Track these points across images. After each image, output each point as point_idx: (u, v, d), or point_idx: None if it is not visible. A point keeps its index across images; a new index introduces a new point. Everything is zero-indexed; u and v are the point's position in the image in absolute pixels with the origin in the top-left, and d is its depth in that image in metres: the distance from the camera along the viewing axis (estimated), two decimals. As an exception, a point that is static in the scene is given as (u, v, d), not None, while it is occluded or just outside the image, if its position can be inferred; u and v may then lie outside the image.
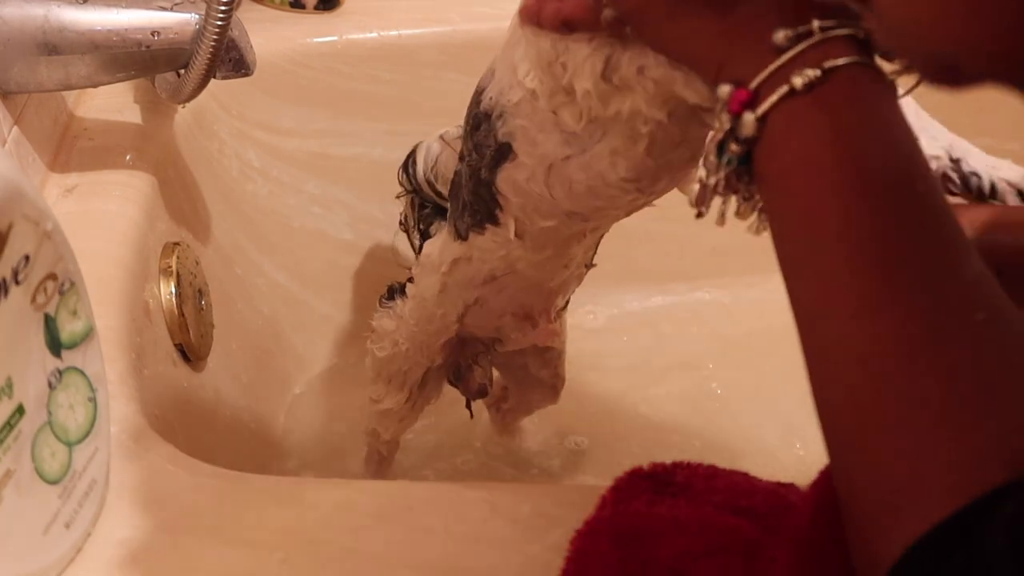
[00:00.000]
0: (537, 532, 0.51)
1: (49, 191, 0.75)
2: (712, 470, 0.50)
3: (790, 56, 0.41)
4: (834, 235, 0.39)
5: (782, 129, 0.41)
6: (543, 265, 0.68)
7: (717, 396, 1.06)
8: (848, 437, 0.38)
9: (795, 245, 0.40)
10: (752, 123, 0.41)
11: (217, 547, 0.51)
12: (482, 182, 0.64)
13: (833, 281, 0.39)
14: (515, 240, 0.65)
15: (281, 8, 1.06)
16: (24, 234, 0.44)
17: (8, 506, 0.45)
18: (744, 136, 0.41)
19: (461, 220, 0.68)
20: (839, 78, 0.40)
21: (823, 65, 0.40)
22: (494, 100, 0.60)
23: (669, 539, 0.46)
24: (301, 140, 1.04)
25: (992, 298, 0.37)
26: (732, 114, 0.42)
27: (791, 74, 0.40)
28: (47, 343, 0.47)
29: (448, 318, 0.74)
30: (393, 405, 0.81)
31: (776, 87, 0.40)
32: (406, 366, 0.79)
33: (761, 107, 0.41)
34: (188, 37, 0.71)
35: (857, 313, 0.38)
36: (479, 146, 0.63)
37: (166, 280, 0.75)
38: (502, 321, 0.75)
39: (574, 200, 0.60)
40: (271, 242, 1.04)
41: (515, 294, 0.72)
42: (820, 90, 0.40)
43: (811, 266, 0.39)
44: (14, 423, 0.45)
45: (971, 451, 0.34)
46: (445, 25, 1.05)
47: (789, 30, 0.41)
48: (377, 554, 0.50)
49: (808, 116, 0.40)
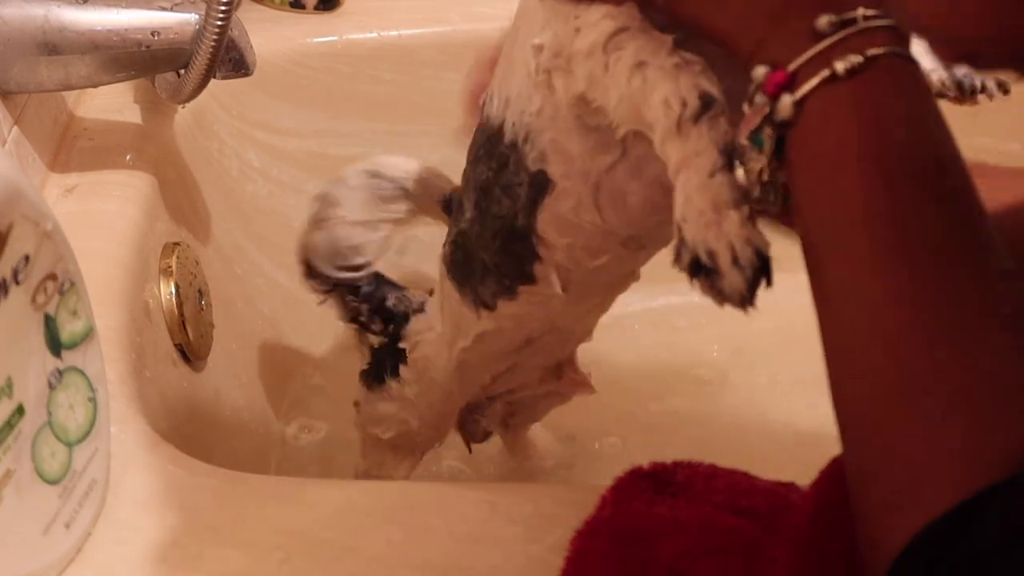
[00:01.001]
0: (537, 532, 0.51)
1: (49, 191, 0.75)
2: (712, 470, 0.50)
3: (832, 41, 0.40)
4: (866, 221, 0.39)
5: (820, 114, 0.40)
6: (587, 313, 0.63)
7: (721, 395, 1.06)
8: (864, 422, 0.38)
9: (825, 230, 0.40)
10: (789, 106, 0.40)
11: (217, 547, 0.51)
12: (518, 235, 0.57)
13: (861, 267, 0.39)
14: (558, 295, 0.58)
15: (281, 8, 1.06)
16: (24, 234, 0.44)
17: (8, 506, 0.45)
18: (780, 119, 0.41)
19: (483, 287, 0.61)
20: (880, 67, 0.40)
21: (866, 52, 0.40)
22: (517, 124, 0.54)
23: (669, 539, 0.46)
24: (301, 140, 1.04)
25: (1019, 293, 0.38)
26: (768, 96, 0.41)
27: (832, 59, 0.40)
28: (47, 343, 0.47)
29: (470, 390, 0.70)
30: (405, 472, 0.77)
31: (816, 71, 0.40)
32: (418, 439, 0.74)
33: (801, 90, 0.40)
34: (188, 37, 0.71)
35: (883, 300, 0.38)
36: (508, 188, 0.56)
37: (166, 280, 0.75)
38: (530, 377, 0.71)
39: (631, 220, 0.54)
40: (271, 242, 1.04)
41: (553, 350, 0.67)
42: (861, 77, 0.40)
43: (840, 251, 0.39)
44: (14, 423, 0.45)
45: (984, 442, 0.35)
46: (445, 25, 1.05)
47: (833, 15, 0.40)
48: (377, 554, 0.50)
49: (848, 102, 0.40)
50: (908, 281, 0.37)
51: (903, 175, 0.39)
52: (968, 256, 0.38)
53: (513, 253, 0.58)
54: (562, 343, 0.67)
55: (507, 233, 0.57)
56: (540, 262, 0.57)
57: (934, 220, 0.38)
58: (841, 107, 0.40)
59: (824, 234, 0.40)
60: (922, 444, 0.36)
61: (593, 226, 0.54)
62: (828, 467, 0.45)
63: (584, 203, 0.53)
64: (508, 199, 0.56)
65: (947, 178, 0.39)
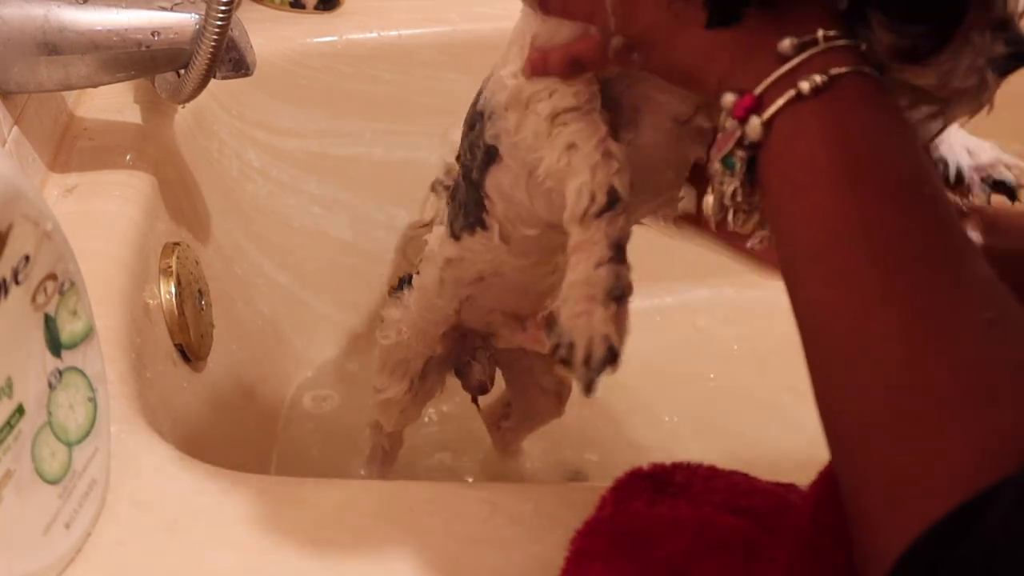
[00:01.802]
0: (537, 532, 0.51)
1: (49, 191, 0.75)
2: (712, 471, 0.51)
3: (796, 63, 0.41)
4: (840, 235, 0.39)
5: (788, 132, 0.41)
6: (528, 270, 0.69)
7: (722, 395, 1.07)
8: (854, 435, 0.38)
9: (800, 246, 0.41)
10: (758, 127, 0.41)
11: (217, 547, 0.51)
12: (472, 184, 0.64)
13: (839, 280, 0.39)
14: (501, 245, 0.65)
15: (281, 8, 1.06)
16: (24, 234, 0.44)
17: (8, 506, 0.45)
18: (750, 140, 0.42)
19: (456, 221, 0.69)
20: (844, 84, 0.41)
21: (829, 71, 0.41)
22: (486, 100, 0.61)
23: (669, 539, 0.46)
24: (301, 140, 1.04)
25: (998, 298, 0.38)
26: (737, 119, 0.42)
27: (797, 80, 0.41)
28: (47, 343, 0.47)
29: (446, 309, 0.75)
30: (395, 394, 0.82)
31: (782, 92, 0.41)
32: (408, 355, 0.80)
33: (768, 111, 0.41)
34: (188, 37, 0.71)
35: (863, 312, 0.38)
36: (472, 146, 0.64)
37: (166, 280, 0.75)
38: (492, 317, 0.76)
39: (553, 212, 0.59)
40: (271, 242, 1.04)
41: (501, 295, 0.73)
42: (825, 95, 0.40)
43: (817, 266, 0.40)
44: (14, 423, 0.45)
45: (976, 445, 0.35)
46: (445, 25, 1.05)
47: (795, 38, 0.42)
48: (377, 554, 0.50)
49: (814, 119, 0.41)
50: (885, 291, 0.38)
51: (873, 187, 0.39)
52: (944, 264, 0.38)
53: (472, 197, 0.65)
54: (513, 291, 0.72)
55: (468, 181, 0.65)
56: (487, 214, 0.64)
57: (907, 230, 0.39)
58: (808, 125, 0.41)
59: (800, 250, 0.41)
60: (913, 452, 0.36)
61: (524, 203, 0.61)
62: (827, 467, 0.45)
63: (519, 184, 0.60)
64: (471, 154, 0.64)
65: (917, 188, 0.40)
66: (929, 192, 0.40)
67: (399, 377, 0.82)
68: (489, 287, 0.72)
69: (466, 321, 0.77)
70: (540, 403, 0.88)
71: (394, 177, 1.08)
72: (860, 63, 0.41)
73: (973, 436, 0.35)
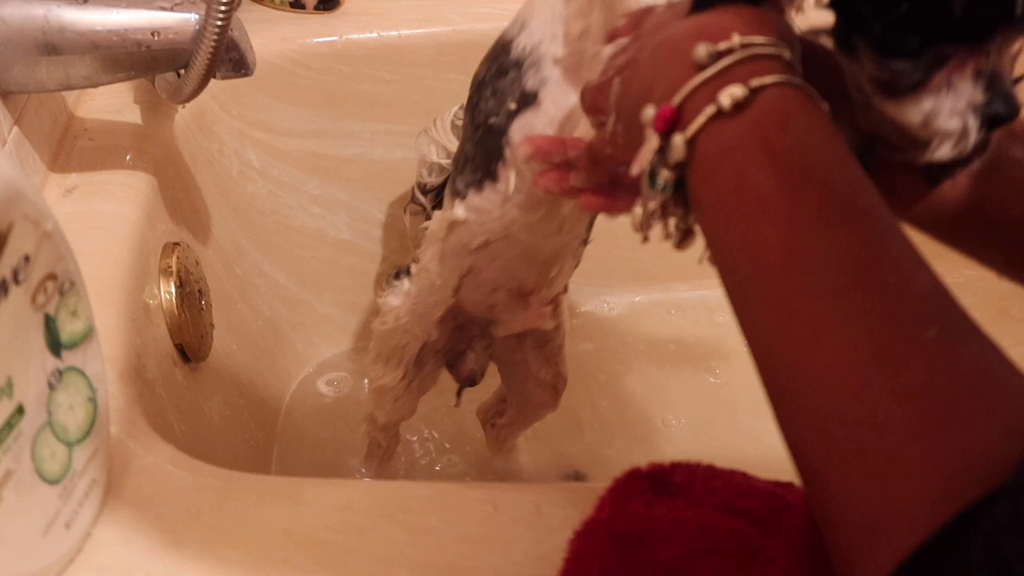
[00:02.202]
0: (537, 532, 0.51)
1: (49, 191, 0.75)
2: (710, 470, 0.50)
3: (712, 73, 0.40)
4: (777, 261, 0.37)
5: (713, 152, 0.39)
6: (536, 227, 0.69)
7: (725, 391, 1.07)
8: (817, 468, 0.36)
9: (739, 274, 0.39)
10: (682, 146, 0.40)
11: (217, 547, 0.51)
12: (492, 131, 0.65)
13: (781, 310, 0.37)
14: (511, 198, 0.66)
15: (281, 8, 1.06)
16: (24, 234, 0.44)
17: (8, 506, 0.45)
18: (675, 160, 0.40)
19: (461, 177, 0.69)
20: (767, 97, 0.39)
21: (750, 84, 0.39)
22: (528, 50, 0.63)
23: (668, 540, 0.46)
24: (301, 140, 1.04)
25: (944, 311, 0.36)
26: (659, 133, 0.41)
27: (717, 92, 0.39)
28: (47, 343, 0.47)
29: (445, 289, 0.75)
30: (390, 382, 0.83)
31: (702, 107, 0.39)
32: (404, 340, 0.81)
33: (690, 128, 0.40)
34: (188, 37, 0.71)
35: (808, 341, 0.36)
36: (499, 93, 0.65)
37: (166, 280, 0.75)
38: (495, 297, 0.76)
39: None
40: (271, 242, 1.04)
41: (508, 263, 0.72)
42: (749, 110, 0.39)
43: (757, 295, 0.38)
44: (14, 423, 0.45)
45: (937, 472, 0.33)
46: (445, 25, 1.05)
47: (710, 45, 0.40)
48: (377, 554, 0.50)
49: (739, 138, 0.39)
50: (828, 316, 0.36)
51: (806, 208, 0.37)
52: (887, 279, 0.36)
53: (485, 147, 0.66)
54: (520, 258, 0.72)
55: (486, 129, 0.66)
56: (503, 162, 0.66)
57: (846, 247, 0.37)
58: (732, 144, 0.39)
59: (740, 278, 0.39)
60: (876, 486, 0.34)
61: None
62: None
63: (552, 126, 0.62)
64: (495, 100, 0.65)
65: (854, 200, 0.38)
66: (864, 204, 0.38)
67: (395, 364, 0.82)
68: (494, 255, 0.72)
69: (466, 303, 0.77)
70: (536, 396, 0.89)
71: (394, 177, 1.08)
72: (784, 72, 0.40)
73: (933, 464, 0.33)
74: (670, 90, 0.41)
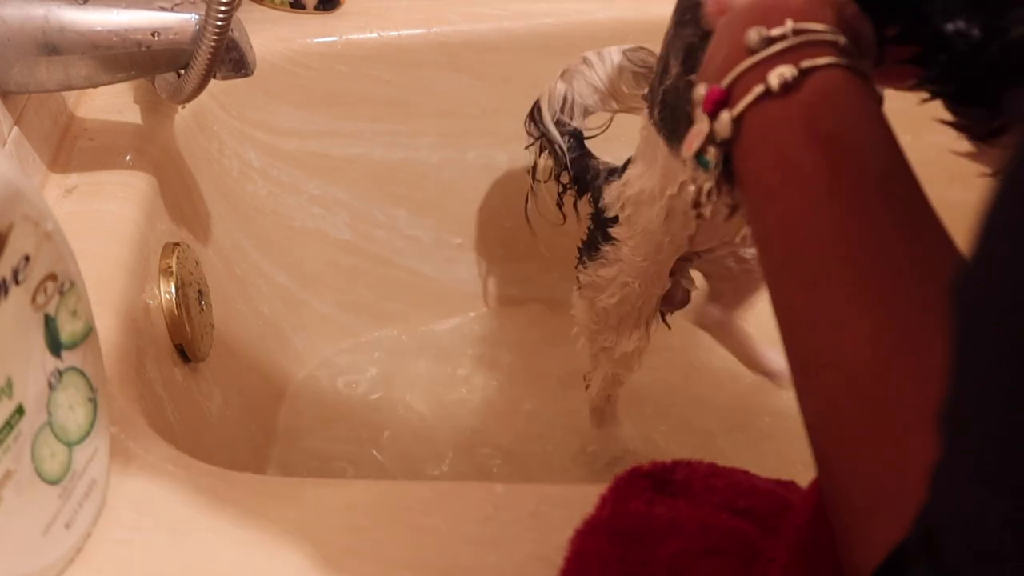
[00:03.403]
0: (537, 532, 0.51)
1: (49, 191, 0.75)
2: (712, 468, 0.50)
3: (763, 56, 0.40)
4: (811, 241, 0.38)
5: (758, 129, 0.40)
6: None
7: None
8: (831, 447, 0.37)
9: (774, 252, 0.40)
10: (728, 123, 0.41)
11: (217, 547, 0.51)
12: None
13: (812, 290, 0.38)
14: None
15: (281, 8, 1.06)
16: (24, 234, 0.44)
17: (8, 506, 0.45)
18: (721, 138, 0.41)
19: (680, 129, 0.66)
20: (817, 79, 0.40)
21: (800, 65, 0.39)
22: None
23: (668, 539, 0.46)
24: (301, 140, 1.04)
25: None
26: (707, 114, 0.41)
27: (767, 74, 0.40)
28: (47, 343, 0.47)
29: (678, 240, 0.74)
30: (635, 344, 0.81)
31: (752, 86, 0.40)
32: (639, 302, 0.79)
33: (737, 107, 0.40)
34: (188, 37, 0.71)
35: (835, 323, 0.37)
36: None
37: (166, 280, 0.75)
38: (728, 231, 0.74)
39: None
40: (271, 242, 1.04)
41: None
42: (797, 90, 0.39)
43: (792, 271, 0.39)
44: (14, 423, 0.45)
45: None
46: (445, 25, 1.05)
47: (763, 29, 0.41)
48: (377, 554, 0.50)
49: (784, 116, 0.39)
50: (856, 299, 0.36)
51: (848, 186, 0.38)
52: (919, 265, 0.37)
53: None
54: None
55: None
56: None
57: (880, 232, 0.37)
58: (779, 121, 0.40)
59: (775, 254, 0.40)
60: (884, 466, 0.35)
61: None
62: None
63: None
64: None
65: (894, 185, 0.38)
66: (901, 191, 0.38)
67: (631, 326, 0.80)
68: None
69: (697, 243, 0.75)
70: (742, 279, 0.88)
71: (394, 177, 1.08)
72: (837, 55, 0.40)
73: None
74: (723, 70, 0.41)
